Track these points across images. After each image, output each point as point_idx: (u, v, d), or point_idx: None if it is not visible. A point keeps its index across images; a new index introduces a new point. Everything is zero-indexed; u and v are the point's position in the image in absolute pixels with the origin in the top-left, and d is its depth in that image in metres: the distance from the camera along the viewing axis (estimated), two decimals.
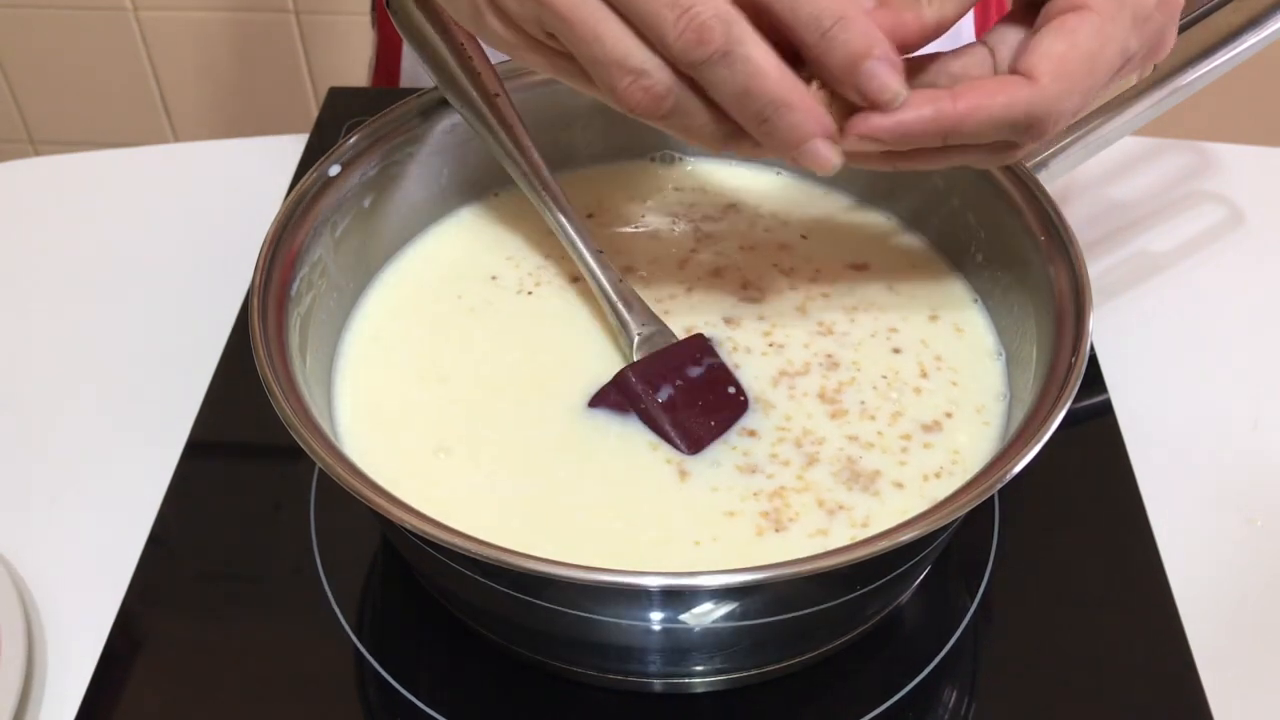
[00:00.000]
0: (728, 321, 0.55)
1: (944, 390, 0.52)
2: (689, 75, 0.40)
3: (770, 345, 0.54)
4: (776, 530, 0.46)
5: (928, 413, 0.51)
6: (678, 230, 0.61)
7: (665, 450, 0.49)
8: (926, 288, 0.57)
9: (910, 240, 0.60)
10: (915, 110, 0.42)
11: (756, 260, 0.59)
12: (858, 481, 0.48)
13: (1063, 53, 0.41)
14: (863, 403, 0.52)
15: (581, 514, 0.47)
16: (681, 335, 0.53)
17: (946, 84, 0.43)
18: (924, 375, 0.53)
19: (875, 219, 0.61)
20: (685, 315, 0.55)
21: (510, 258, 0.59)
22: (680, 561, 0.45)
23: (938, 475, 0.49)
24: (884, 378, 0.53)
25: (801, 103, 0.40)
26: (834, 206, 0.62)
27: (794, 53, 0.40)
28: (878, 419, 0.51)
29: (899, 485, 0.48)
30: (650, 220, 0.61)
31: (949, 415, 0.51)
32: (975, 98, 0.42)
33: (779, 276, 0.58)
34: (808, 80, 0.40)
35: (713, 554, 0.45)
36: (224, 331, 0.66)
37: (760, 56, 0.39)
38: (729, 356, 0.53)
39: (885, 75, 0.40)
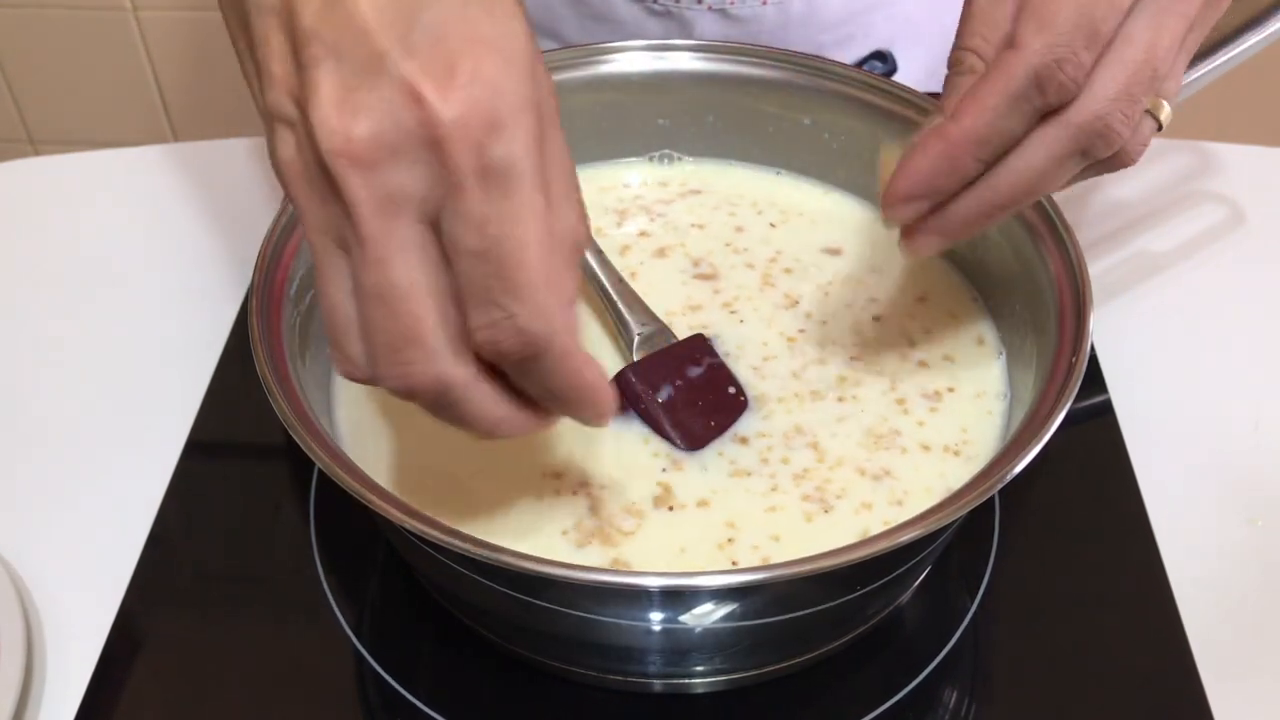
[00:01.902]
0: (693, 308, 0.56)
1: (940, 364, 0.53)
2: None
3: (740, 321, 0.55)
4: (825, 511, 0.47)
5: (928, 383, 0.52)
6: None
7: (684, 457, 0.49)
8: (916, 274, 0.58)
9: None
10: (923, 151, 0.41)
11: (708, 239, 0.60)
12: (880, 442, 0.50)
13: (1040, 8, 0.40)
14: (843, 379, 0.53)
15: (617, 525, 0.47)
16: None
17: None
18: (911, 344, 0.54)
19: (873, 216, 0.61)
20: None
21: None
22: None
23: (956, 453, 0.49)
24: (856, 345, 0.54)
25: (518, 426, 0.38)
26: (853, 214, 0.62)
27: None
28: (868, 380, 0.52)
29: (925, 448, 0.49)
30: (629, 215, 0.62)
31: (951, 390, 0.52)
32: (970, 98, 0.41)
33: (731, 255, 0.59)
34: None
35: (775, 552, 0.46)
36: (224, 331, 0.66)
37: (479, 401, 0.37)
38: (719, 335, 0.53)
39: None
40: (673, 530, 0.47)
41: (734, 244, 0.59)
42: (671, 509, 0.47)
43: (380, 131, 0.32)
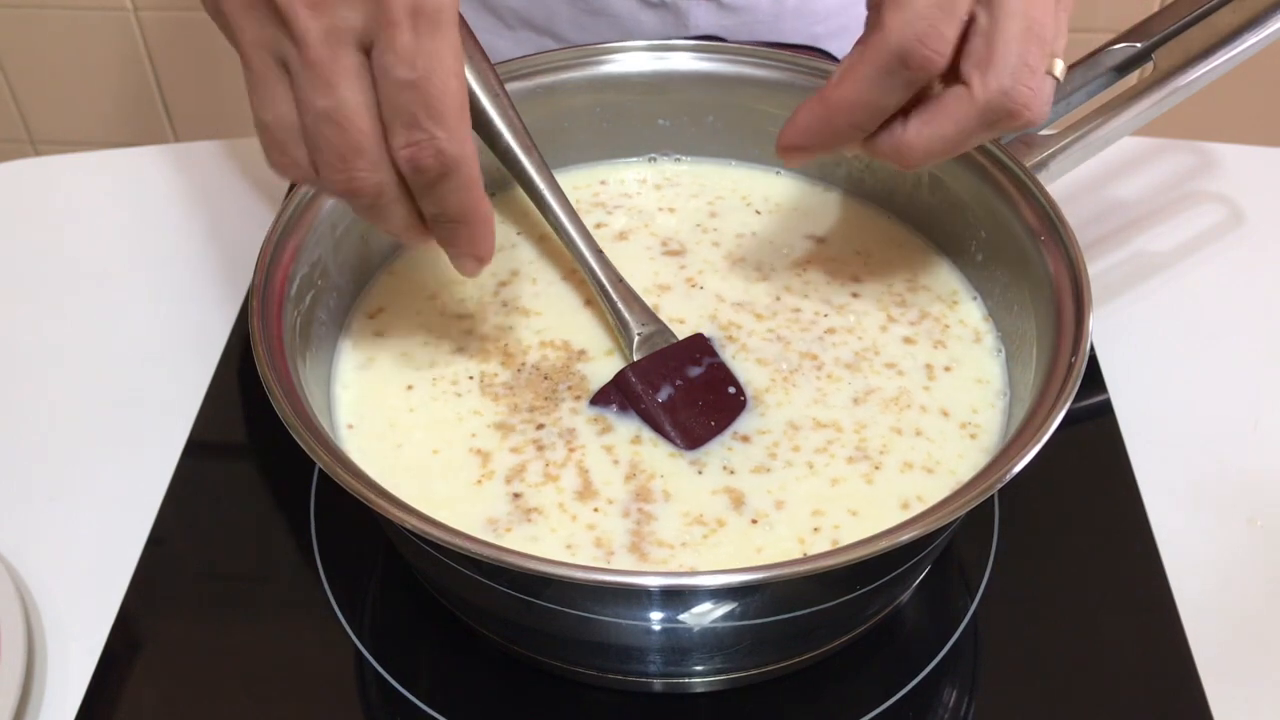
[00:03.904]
0: (659, 285, 0.57)
1: (935, 347, 0.54)
2: None
3: (699, 289, 0.56)
4: (877, 469, 0.48)
5: (922, 356, 0.53)
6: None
7: (721, 457, 0.49)
8: (908, 263, 0.58)
9: (905, 233, 0.60)
10: (807, 109, 0.46)
11: (678, 222, 0.61)
12: (898, 401, 0.50)
13: None
14: (814, 355, 0.53)
15: (670, 521, 0.47)
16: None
17: None
18: (892, 320, 0.55)
19: (871, 214, 0.61)
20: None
21: (509, 258, 0.59)
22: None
23: (973, 436, 0.50)
24: (835, 316, 0.54)
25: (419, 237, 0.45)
26: (848, 211, 0.62)
27: None
28: (849, 350, 0.53)
29: (944, 413, 0.50)
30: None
31: (948, 369, 0.52)
32: (848, 69, 0.44)
33: (700, 234, 0.60)
34: None
35: (855, 528, 0.46)
36: (224, 331, 0.66)
37: (399, 207, 0.42)
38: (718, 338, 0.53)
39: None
40: (748, 536, 0.46)
41: (704, 225, 0.60)
42: (755, 522, 0.47)
43: None
